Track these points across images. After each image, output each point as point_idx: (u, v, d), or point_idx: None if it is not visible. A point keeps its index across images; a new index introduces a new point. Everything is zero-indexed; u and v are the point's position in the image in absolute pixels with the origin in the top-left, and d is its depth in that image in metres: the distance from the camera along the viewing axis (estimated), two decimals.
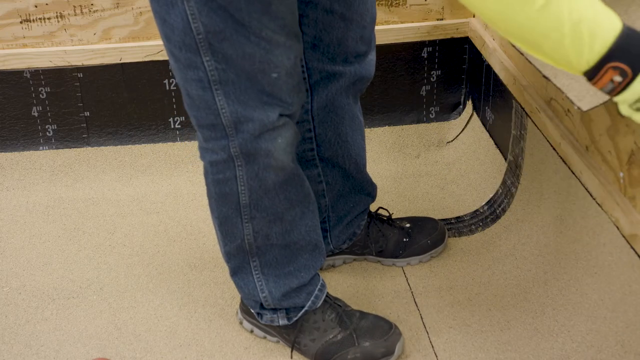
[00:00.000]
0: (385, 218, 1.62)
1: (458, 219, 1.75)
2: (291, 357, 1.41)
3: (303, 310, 1.39)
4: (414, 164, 1.96)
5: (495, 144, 1.91)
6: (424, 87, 2.07)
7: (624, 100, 1.02)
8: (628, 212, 1.33)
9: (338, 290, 1.56)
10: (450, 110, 2.10)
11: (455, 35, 2.02)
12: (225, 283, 1.58)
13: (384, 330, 1.40)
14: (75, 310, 1.52)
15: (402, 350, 1.40)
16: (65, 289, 1.58)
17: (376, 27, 2.03)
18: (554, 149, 1.58)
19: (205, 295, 1.55)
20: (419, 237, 1.61)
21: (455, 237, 1.69)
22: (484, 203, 1.77)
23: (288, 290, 1.37)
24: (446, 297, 1.52)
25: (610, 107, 1.37)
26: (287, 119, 1.23)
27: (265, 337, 1.45)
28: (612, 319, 1.34)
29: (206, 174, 1.30)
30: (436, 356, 1.39)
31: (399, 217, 1.67)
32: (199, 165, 1.31)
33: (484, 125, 2.00)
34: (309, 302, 1.39)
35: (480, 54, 1.95)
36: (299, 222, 1.33)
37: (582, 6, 0.96)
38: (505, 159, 1.80)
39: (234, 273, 1.39)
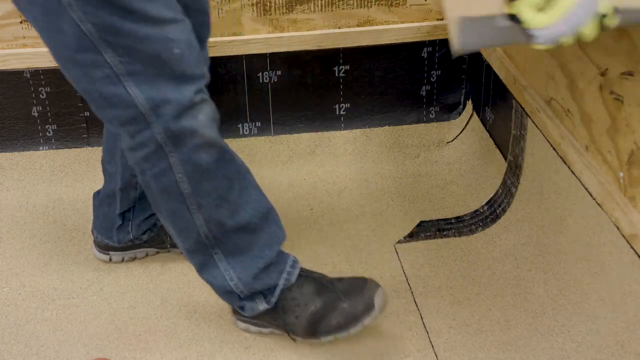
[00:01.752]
0: None
1: (458, 219, 1.75)
2: (293, 339, 1.41)
3: (279, 290, 1.39)
4: (414, 164, 1.96)
5: (495, 144, 1.91)
6: (424, 87, 2.07)
7: (532, 1, 0.96)
8: (628, 212, 1.33)
9: None
10: (450, 110, 2.10)
11: None
12: None
13: (360, 286, 1.39)
14: (75, 310, 1.52)
15: (385, 302, 1.38)
16: (65, 289, 1.58)
17: (376, 27, 2.05)
18: (554, 149, 1.58)
19: (205, 295, 1.55)
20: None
21: (455, 237, 1.69)
22: (484, 203, 1.77)
23: (257, 272, 1.37)
24: (446, 297, 1.52)
25: (610, 107, 1.37)
26: (203, 95, 1.25)
27: (260, 332, 1.45)
28: (612, 319, 1.34)
29: (143, 173, 1.30)
30: (436, 356, 1.39)
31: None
32: None
33: (484, 125, 2.00)
34: (282, 280, 1.39)
35: (480, 54, 1.95)
36: (243, 198, 1.34)
37: None
38: (505, 159, 1.81)
39: (200, 270, 1.40)
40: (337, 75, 2.01)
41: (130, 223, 1.62)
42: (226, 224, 1.33)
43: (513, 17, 0.98)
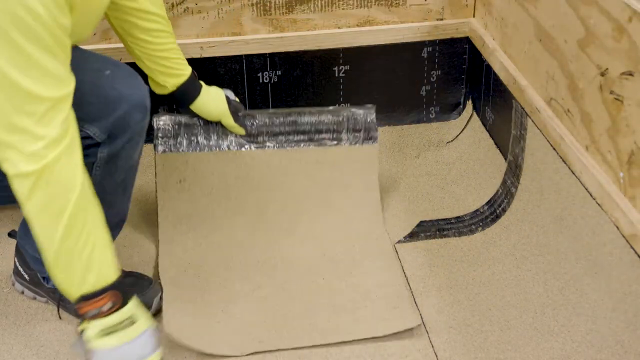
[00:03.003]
0: None
1: (458, 219, 1.75)
2: (59, 315, 1.48)
3: None
4: (414, 164, 1.96)
5: (495, 144, 1.92)
6: (424, 87, 2.07)
7: (100, 325, 1.17)
8: (628, 212, 1.33)
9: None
10: (450, 110, 2.11)
11: (455, 35, 2.02)
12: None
13: (145, 286, 1.48)
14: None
15: (159, 305, 1.47)
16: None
17: (376, 27, 2.04)
18: (554, 149, 1.58)
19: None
20: None
21: (455, 237, 1.69)
22: (484, 203, 1.77)
23: None
24: (446, 297, 1.52)
25: (610, 107, 1.37)
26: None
27: (35, 298, 1.52)
28: (612, 319, 1.34)
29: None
30: (436, 356, 1.39)
31: None
32: None
33: (484, 125, 2.00)
34: None
35: (480, 54, 1.95)
36: (121, 211, 1.46)
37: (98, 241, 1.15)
38: (505, 159, 1.81)
39: (25, 235, 1.42)
40: (337, 75, 2.01)
41: None
42: (95, 226, 1.33)
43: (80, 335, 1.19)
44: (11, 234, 1.55)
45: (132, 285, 1.46)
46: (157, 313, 1.48)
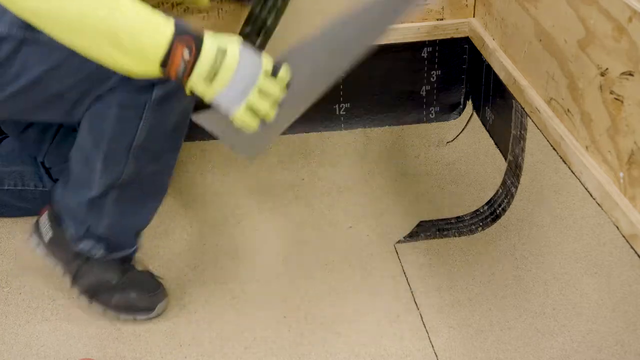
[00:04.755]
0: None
1: (458, 219, 1.75)
2: (71, 285, 1.49)
3: (127, 252, 1.49)
4: (414, 164, 1.96)
5: (495, 144, 1.91)
6: (424, 87, 2.07)
7: (199, 75, 1.12)
8: (628, 212, 1.33)
9: (337, 288, 1.56)
10: (450, 110, 2.10)
11: (455, 35, 2.02)
12: (225, 283, 1.58)
13: (152, 287, 1.50)
14: (75, 310, 1.52)
15: (162, 311, 1.50)
16: (65, 290, 1.58)
17: None
18: (554, 149, 1.58)
19: (205, 295, 1.55)
20: None
21: (455, 237, 1.69)
22: (484, 203, 1.77)
23: (129, 226, 1.46)
24: (446, 297, 1.52)
25: (610, 107, 1.37)
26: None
27: (50, 263, 1.51)
28: (612, 319, 1.34)
29: (104, 116, 1.30)
30: (436, 356, 1.39)
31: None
32: (200, 166, 1.31)
33: (484, 125, 2.00)
34: (134, 247, 1.50)
35: (480, 54, 1.95)
36: (167, 167, 1.40)
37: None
38: (505, 159, 1.81)
39: (90, 203, 1.42)
40: None
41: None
42: (142, 176, 1.38)
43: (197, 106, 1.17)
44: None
45: (141, 283, 1.50)
46: (156, 317, 1.50)
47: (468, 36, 2.02)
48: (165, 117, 1.31)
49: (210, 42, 1.13)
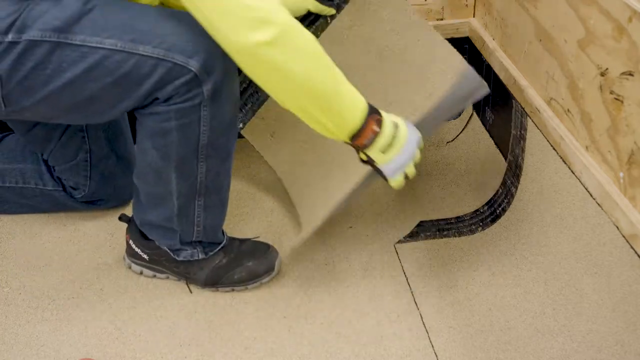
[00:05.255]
0: None
1: (458, 219, 1.75)
2: (189, 289, 1.55)
3: (221, 245, 1.55)
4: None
5: (495, 144, 1.92)
6: None
7: (380, 146, 1.29)
8: (628, 212, 1.33)
9: (337, 288, 1.56)
10: None
11: (455, 35, 2.02)
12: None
13: (263, 250, 1.57)
14: (75, 310, 1.52)
15: (280, 267, 1.58)
16: (65, 290, 1.58)
17: None
18: (554, 149, 1.58)
19: (205, 295, 1.55)
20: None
21: (455, 237, 1.69)
22: (484, 203, 1.77)
23: (219, 225, 1.54)
24: (446, 297, 1.52)
25: (610, 107, 1.37)
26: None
27: (154, 276, 1.58)
28: (612, 319, 1.34)
29: (164, 130, 1.34)
30: (436, 356, 1.39)
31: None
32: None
33: (484, 125, 2.00)
34: (225, 238, 1.56)
35: (480, 54, 1.95)
36: (232, 156, 1.45)
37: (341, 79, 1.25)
38: (505, 159, 1.81)
39: (177, 213, 1.47)
40: None
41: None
42: (221, 176, 1.44)
43: (367, 161, 1.33)
44: (122, 218, 1.59)
45: (252, 251, 1.56)
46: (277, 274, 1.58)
47: (468, 36, 2.03)
48: (221, 109, 1.34)
49: (387, 118, 1.30)
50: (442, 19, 2.01)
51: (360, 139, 1.28)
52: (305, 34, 1.20)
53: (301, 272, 1.61)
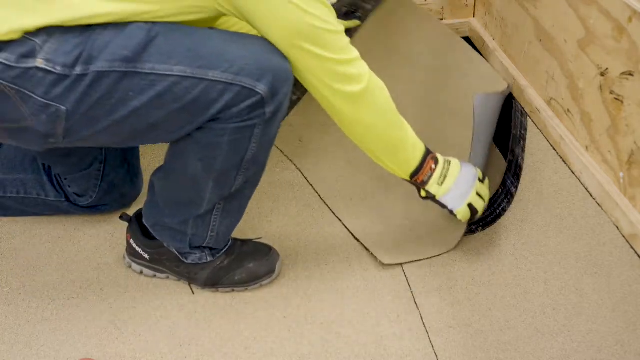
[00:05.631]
0: None
1: None
2: (191, 290, 1.56)
3: (226, 247, 1.54)
4: None
5: (495, 144, 1.92)
6: None
7: (436, 180, 1.46)
8: (628, 212, 1.33)
9: (337, 288, 1.56)
10: None
11: None
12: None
13: (265, 252, 1.57)
14: (75, 310, 1.52)
15: (280, 270, 1.58)
16: (65, 289, 1.58)
17: None
18: (554, 149, 1.58)
19: (205, 295, 1.55)
20: None
21: None
22: None
23: (232, 231, 1.53)
24: (446, 297, 1.52)
25: (610, 107, 1.37)
26: None
27: (155, 276, 1.58)
28: (612, 319, 1.34)
29: (216, 145, 1.32)
30: (436, 356, 1.39)
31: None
32: None
33: None
34: (231, 240, 1.55)
35: (480, 54, 1.95)
36: (265, 165, 1.46)
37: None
38: (505, 159, 1.81)
39: (193, 218, 1.46)
40: None
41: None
42: (247, 183, 1.43)
43: (428, 197, 1.50)
44: (122, 217, 1.58)
45: (253, 253, 1.56)
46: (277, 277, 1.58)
47: (468, 36, 2.02)
48: (273, 129, 1.34)
49: (441, 156, 1.48)
50: (442, 19, 2.01)
51: (419, 176, 1.45)
52: (384, 90, 1.35)
53: (301, 272, 1.61)
